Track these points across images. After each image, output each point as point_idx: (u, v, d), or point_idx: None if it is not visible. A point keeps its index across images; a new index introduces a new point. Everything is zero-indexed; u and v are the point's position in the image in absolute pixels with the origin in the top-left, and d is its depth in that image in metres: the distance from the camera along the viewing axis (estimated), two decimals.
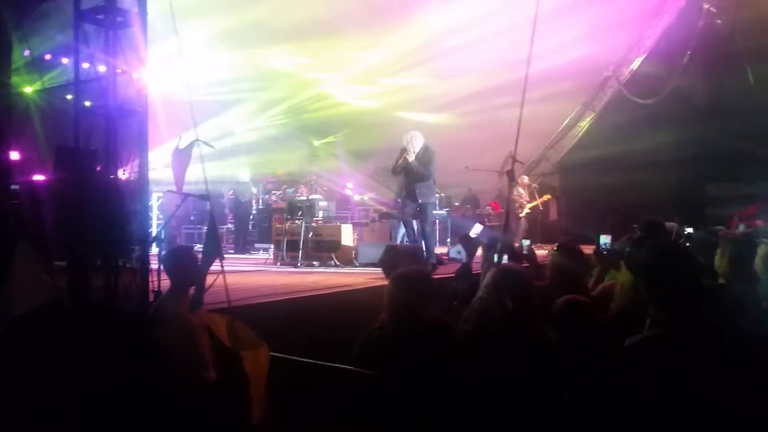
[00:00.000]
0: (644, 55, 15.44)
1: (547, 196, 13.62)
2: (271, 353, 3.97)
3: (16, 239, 3.86)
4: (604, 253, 5.16)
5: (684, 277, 2.81)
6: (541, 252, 9.23)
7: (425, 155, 8.90)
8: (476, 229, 11.25)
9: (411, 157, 8.81)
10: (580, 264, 4.57)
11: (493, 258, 4.69)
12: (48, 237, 4.35)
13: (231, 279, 4.34)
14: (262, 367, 3.90)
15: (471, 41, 12.98)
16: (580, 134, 16.70)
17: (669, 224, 7.19)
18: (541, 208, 13.24)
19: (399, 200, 9.39)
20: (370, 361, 3.35)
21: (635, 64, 15.61)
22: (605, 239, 5.35)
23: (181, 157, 4.71)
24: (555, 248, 4.71)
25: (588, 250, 5.15)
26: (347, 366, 3.43)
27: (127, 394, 3.65)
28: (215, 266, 4.31)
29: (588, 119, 16.63)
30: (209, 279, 4.17)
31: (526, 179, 13.94)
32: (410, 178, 8.94)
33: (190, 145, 4.74)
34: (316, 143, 17.44)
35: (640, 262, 3.01)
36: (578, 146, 16.57)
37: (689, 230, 7.10)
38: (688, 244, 6.24)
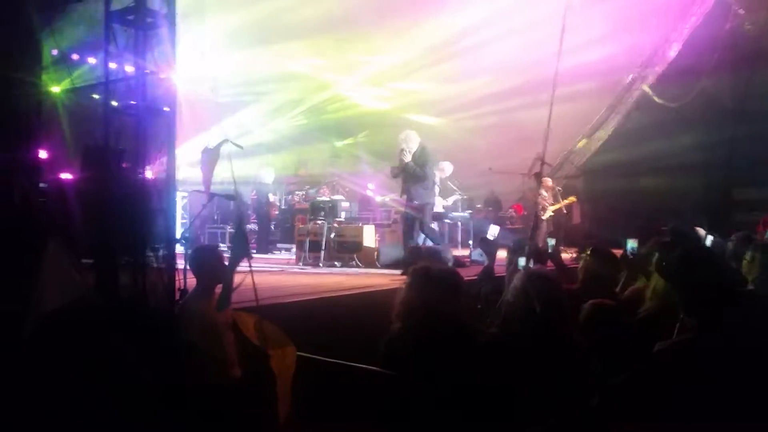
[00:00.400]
0: (671, 58, 15.25)
1: (572, 198, 13.49)
2: (297, 353, 3.99)
3: (46, 237, 3.91)
4: (631, 257, 5.09)
5: (714, 283, 2.80)
6: (565, 255, 9.17)
7: (422, 155, 8.68)
8: (493, 231, 11.20)
9: (407, 158, 8.61)
10: (612, 269, 4.51)
11: (518, 261, 4.66)
12: (75, 235, 4.38)
13: (256, 278, 4.34)
14: (288, 366, 3.92)
15: (488, 41, 12.91)
16: (605, 137, 16.51)
17: (699, 230, 7.11)
18: (565, 211, 13.12)
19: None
20: (394, 360, 3.35)
21: (661, 67, 15.41)
22: (632, 244, 5.27)
23: (210, 157, 4.73)
24: (588, 252, 4.62)
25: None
26: (370, 366, 3.43)
27: (153, 391, 3.67)
28: (243, 266, 4.32)
29: (613, 122, 16.44)
30: (237, 278, 4.19)
31: (549, 182, 13.82)
32: (407, 179, 8.75)
33: (219, 145, 4.75)
34: (337, 144, 17.47)
35: (671, 268, 3.00)
36: (603, 149, 16.38)
37: (710, 237, 6.98)
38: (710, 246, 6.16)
